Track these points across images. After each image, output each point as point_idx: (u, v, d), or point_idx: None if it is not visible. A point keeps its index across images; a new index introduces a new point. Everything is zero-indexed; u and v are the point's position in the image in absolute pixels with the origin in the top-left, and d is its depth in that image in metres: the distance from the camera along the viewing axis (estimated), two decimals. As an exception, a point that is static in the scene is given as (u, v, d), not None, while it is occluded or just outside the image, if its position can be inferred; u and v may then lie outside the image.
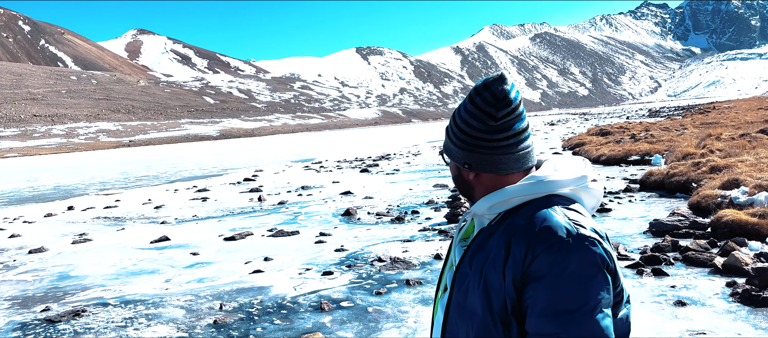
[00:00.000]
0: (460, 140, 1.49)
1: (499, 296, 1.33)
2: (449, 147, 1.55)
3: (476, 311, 1.38)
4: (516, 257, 1.31)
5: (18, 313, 6.71)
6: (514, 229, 1.36)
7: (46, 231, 12.85)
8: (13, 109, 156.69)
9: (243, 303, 6.50)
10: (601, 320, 1.24)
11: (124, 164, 43.87)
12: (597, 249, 1.28)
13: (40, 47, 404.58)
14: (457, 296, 1.45)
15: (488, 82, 1.44)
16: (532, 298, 1.28)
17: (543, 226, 1.31)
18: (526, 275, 1.29)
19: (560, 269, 1.26)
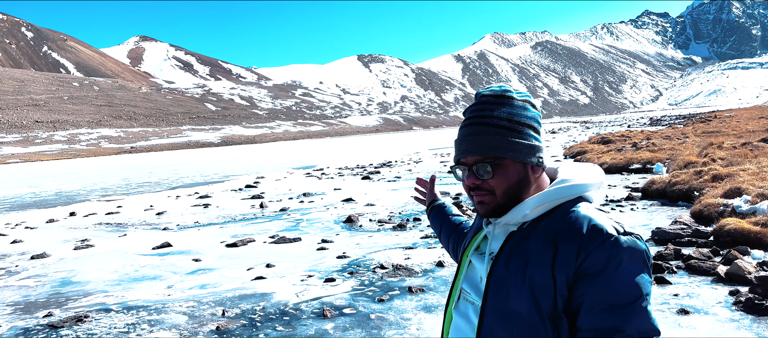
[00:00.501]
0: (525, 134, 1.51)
1: (547, 295, 1.36)
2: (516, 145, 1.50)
3: (521, 312, 1.39)
4: (566, 256, 1.35)
5: (20, 319, 6.71)
6: (555, 229, 1.41)
7: (48, 237, 12.86)
8: (15, 115, 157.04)
9: (245, 310, 6.50)
10: (652, 312, 1.31)
11: (126, 171, 43.92)
12: (642, 245, 1.36)
13: (43, 53, 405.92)
14: (494, 301, 1.44)
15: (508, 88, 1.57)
16: (586, 294, 1.32)
17: (592, 225, 1.36)
18: (579, 272, 1.33)
19: (615, 265, 1.31)
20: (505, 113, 1.53)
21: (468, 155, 1.53)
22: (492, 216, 1.54)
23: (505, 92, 1.55)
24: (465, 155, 1.54)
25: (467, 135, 1.54)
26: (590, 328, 1.30)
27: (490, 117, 1.53)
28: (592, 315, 1.31)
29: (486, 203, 1.52)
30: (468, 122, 1.57)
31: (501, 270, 1.47)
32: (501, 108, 1.54)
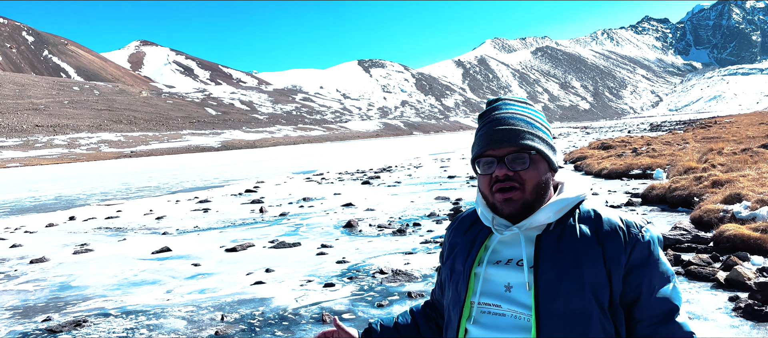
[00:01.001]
0: (550, 137, 1.60)
1: (605, 290, 1.43)
2: (547, 143, 1.57)
3: (585, 312, 1.41)
4: (614, 251, 1.44)
5: (19, 323, 6.70)
6: (592, 228, 1.48)
7: (48, 241, 12.85)
8: (16, 119, 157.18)
9: (244, 315, 6.49)
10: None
11: (126, 175, 43.93)
12: (657, 231, 1.52)
13: (44, 58, 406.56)
14: (551, 306, 1.43)
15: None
16: (642, 283, 1.44)
17: (626, 221, 1.49)
18: (629, 264, 1.44)
19: (656, 252, 1.47)
20: (533, 113, 1.60)
21: (502, 145, 1.51)
22: (518, 215, 1.52)
23: (523, 99, 1.63)
24: (498, 145, 1.52)
25: (500, 126, 1.54)
26: (653, 315, 1.43)
27: (522, 113, 1.57)
28: (651, 303, 1.44)
29: (515, 199, 1.50)
30: (499, 115, 1.57)
31: (549, 274, 1.45)
32: (528, 108, 1.61)
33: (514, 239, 1.55)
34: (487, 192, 1.55)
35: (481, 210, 1.63)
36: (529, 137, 1.52)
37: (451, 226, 1.76)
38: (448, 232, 1.76)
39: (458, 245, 1.66)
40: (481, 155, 1.56)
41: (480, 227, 1.64)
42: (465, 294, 1.56)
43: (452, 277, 1.63)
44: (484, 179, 1.55)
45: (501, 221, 1.56)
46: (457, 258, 1.63)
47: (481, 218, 1.63)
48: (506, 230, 1.54)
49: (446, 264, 1.68)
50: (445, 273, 1.69)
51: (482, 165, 1.55)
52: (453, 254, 1.66)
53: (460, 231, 1.69)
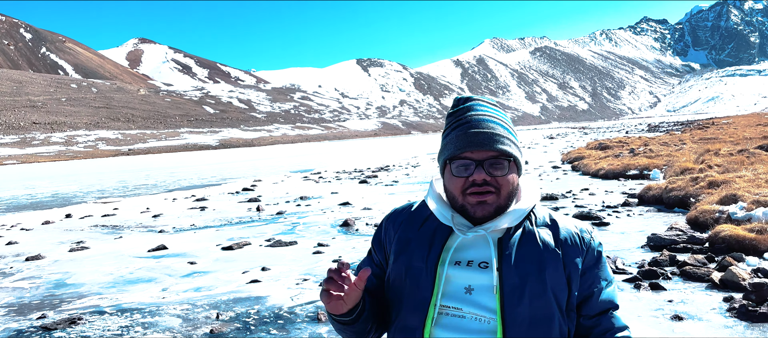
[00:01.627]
0: (516, 143, 1.59)
1: (564, 294, 1.52)
2: (520, 149, 1.61)
3: (552, 314, 1.49)
4: (573, 256, 1.54)
5: (14, 320, 6.68)
6: (551, 233, 1.56)
7: (44, 239, 12.82)
8: (13, 116, 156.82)
9: (240, 313, 6.49)
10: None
11: (123, 173, 43.87)
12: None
13: (41, 55, 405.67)
14: (516, 310, 1.46)
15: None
16: (593, 285, 1.55)
17: (579, 227, 1.61)
18: (583, 268, 1.55)
19: (603, 258, 1.60)
20: (505, 117, 1.60)
21: (483, 149, 1.50)
22: (490, 218, 1.53)
23: (493, 100, 1.64)
24: (479, 148, 1.50)
25: (479, 128, 1.52)
26: (597, 311, 1.54)
27: (498, 117, 1.57)
28: (598, 302, 1.55)
29: (490, 203, 1.51)
30: (475, 117, 1.54)
31: (513, 279, 1.48)
32: (500, 110, 1.60)
33: (476, 240, 1.54)
34: (458, 194, 1.53)
35: (438, 208, 1.59)
36: (508, 142, 1.53)
37: (397, 219, 1.70)
38: (394, 224, 1.69)
39: (413, 241, 1.61)
40: (457, 157, 1.53)
41: (435, 225, 1.60)
42: (430, 294, 1.52)
43: (409, 274, 1.57)
44: (457, 182, 1.53)
45: (461, 221, 1.55)
46: (415, 255, 1.58)
47: (438, 216, 1.59)
48: (469, 231, 1.53)
49: (400, 260, 1.61)
50: (399, 269, 1.60)
51: (457, 167, 1.53)
52: (409, 249, 1.60)
53: (412, 226, 1.64)
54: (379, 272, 1.71)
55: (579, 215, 11.38)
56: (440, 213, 1.59)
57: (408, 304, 1.56)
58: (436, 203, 1.61)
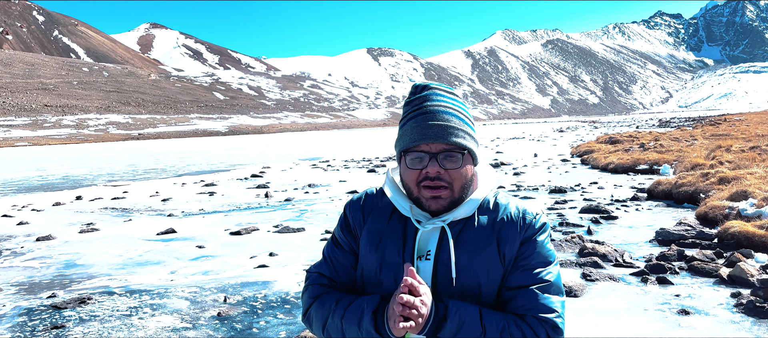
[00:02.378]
0: (472, 135, 1.57)
1: (498, 273, 1.54)
2: (475, 141, 1.59)
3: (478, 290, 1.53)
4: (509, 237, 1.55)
5: (24, 299, 6.77)
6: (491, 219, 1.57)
7: (54, 220, 12.95)
8: (25, 98, 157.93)
9: (247, 297, 6.54)
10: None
11: (133, 157, 44.13)
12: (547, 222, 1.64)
13: (54, 38, 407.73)
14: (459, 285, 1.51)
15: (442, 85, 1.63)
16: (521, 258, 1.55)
17: (520, 210, 1.60)
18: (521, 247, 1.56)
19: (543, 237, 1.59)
20: (462, 107, 1.57)
21: (436, 142, 1.50)
22: (444, 212, 1.54)
23: (450, 90, 1.60)
24: (434, 140, 1.50)
25: (434, 121, 1.51)
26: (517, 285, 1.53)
27: (454, 107, 1.55)
28: (520, 274, 1.53)
29: (443, 197, 1.51)
30: (431, 107, 1.53)
31: (445, 269, 1.51)
32: (457, 100, 1.58)
33: (434, 232, 1.55)
34: (413, 186, 1.53)
35: (396, 198, 1.59)
36: (462, 134, 1.52)
37: (363, 207, 1.67)
38: (363, 213, 1.66)
39: (385, 234, 1.59)
40: (411, 149, 1.52)
41: (403, 217, 1.60)
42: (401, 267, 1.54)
43: (384, 268, 1.56)
44: (411, 174, 1.52)
45: (419, 212, 1.55)
46: (388, 249, 1.57)
47: (397, 206, 1.59)
48: (427, 223, 1.54)
49: (372, 254, 1.59)
50: (372, 263, 1.59)
51: (411, 159, 1.52)
52: (382, 243, 1.58)
53: (382, 218, 1.62)
54: (352, 259, 1.67)
55: (587, 208, 11.34)
56: (399, 203, 1.58)
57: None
58: (394, 193, 1.60)
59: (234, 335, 5.37)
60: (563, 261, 7.29)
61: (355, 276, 1.66)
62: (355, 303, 1.54)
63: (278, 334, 5.35)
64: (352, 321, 1.51)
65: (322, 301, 1.60)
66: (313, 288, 1.65)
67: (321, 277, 1.66)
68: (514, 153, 32.64)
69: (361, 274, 1.62)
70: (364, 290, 1.61)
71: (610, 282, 6.44)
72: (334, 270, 1.66)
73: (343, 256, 1.66)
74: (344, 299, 1.57)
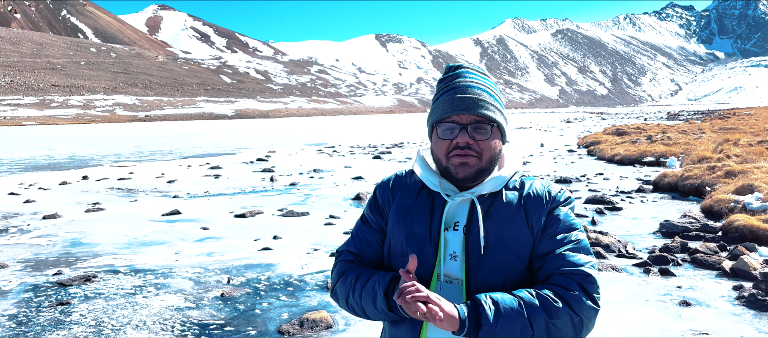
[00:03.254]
0: (501, 110, 1.65)
1: (527, 248, 1.59)
2: (505, 117, 1.66)
3: (512, 267, 1.57)
4: (536, 213, 1.60)
5: (30, 275, 6.84)
6: (519, 196, 1.63)
7: (61, 199, 13.04)
8: (33, 77, 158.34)
9: (250, 278, 6.59)
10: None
11: (139, 138, 44.27)
12: (572, 197, 1.70)
13: (62, 17, 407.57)
14: (481, 268, 1.55)
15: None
16: (554, 231, 1.60)
17: (545, 187, 1.66)
18: (548, 220, 1.61)
19: (567, 210, 1.64)
20: (493, 85, 1.66)
21: (467, 113, 1.57)
22: (472, 179, 1.59)
23: (484, 71, 1.68)
24: (464, 112, 1.57)
25: (465, 94, 1.58)
26: (546, 251, 1.57)
27: (484, 84, 1.63)
28: (548, 241, 1.58)
29: (471, 165, 1.57)
30: (463, 83, 1.61)
31: (477, 239, 1.56)
32: (489, 79, 1.67)
33: (463, 205, 1.62)
34: (443, 156, 1.59)
35: (425, 175, 1.65)
36: (492, 108, 1.59)
37: (393, 186, 1.74)
38: (392, 191, 1.73)
39: (413, 208, 1.66)
40: (443, 120, 1.59)
41: (433, 193, 1.66)
42: (434, 259, 1.59)
43: (411, 241, 1.61)
44: (442, 144, 1.59)
45: (448, 186, 1.62)
46: (416, 222, 1.63)
47: (425, 181, 1.65)
48: (456, 196, 1.60)
49: (400, 228, 1.65)
50: (399, 236, 1.64)
51: (442, 130, 1.59)
52: (409, 217, 1.64)
53: (410, 194, 1.69)
54: (380, 237, 1.73)
55: (592, 199, 11.33)
56: (427, 179, 1.65)
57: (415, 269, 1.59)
58: (424, 169, 1.68)
59: (237, 315, 5.41)
60: (566, 251, 7.29)
61: (381, 252, 1.72)
62: (370, 282, 1.61)
63: (280, 315, 5.39)
64: (368, 299, 1.60)
65: (345, 277, 1.68)
66: (340, 265, 1.73)
67: (348, 254, 1.75)
68: (520, 143, 32.56)
69: (389, 248, 1.69)
70: (390, 264, 1.67)
71: (612, 272, 6.45)
72: (361, 246, 1.73)
73: (371, 234, 1.73)
74: (363, 276, 1.64)
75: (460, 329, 1.43)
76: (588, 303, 1.49)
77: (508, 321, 1.43)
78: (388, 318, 1.62)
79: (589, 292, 1.50)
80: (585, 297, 1.49)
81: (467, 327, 1.43)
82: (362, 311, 1.63)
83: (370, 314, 1.62)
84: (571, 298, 1.48)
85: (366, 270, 1.67)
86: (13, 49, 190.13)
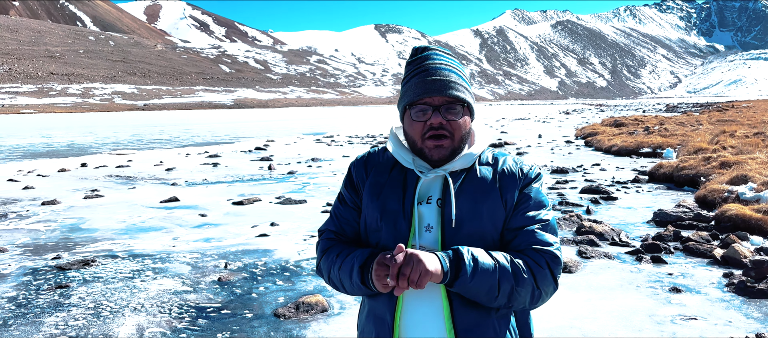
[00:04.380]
0: (469, 90, 1.70)
1: (500, 219, 1.67)
2: (472, 96, 1.71)
3: (486, 237, 1.65)
4: (509, 187, 1.68)
5: (30, 259, 6.91)
6: (492, 170, 1.71)
7: (59, 185, 13.10)
8: (31, 66, 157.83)
9: (247, 264, 6.66)
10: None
11: (138, 127, 44.26)
12: (541, 173, 1.78)
13: (60, 5, 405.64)
14: (455, 239, 1.62)
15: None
16: (525, 205, 1.68)
17: (517, 163, 1.74)
18: (520, 195, 1.69)
19: (538, 186, 1.72)
20: (460, 66, 1.72)
21: (439, 94, 1.63)
22: (446, 159, 1.66)
23: (448, 52, 1.74)
24: (436, 94, 1.63)
25: (436, 77, 1.64)
26: (518, 226, 1.66)
27: (453, 65, 1.69)
28: (521, 217, 1.67)
29: (445, 146, 1.64)
30: (432, 65, 1.66)
31: (450, 212, 1.63)
32: (455, 60, 1.73)
33: (435, 181, 1.69)
34: (418, 138, 1.65)
35: (397, 151, 1.72)
36: (462, 89, 1.66)
37: (366, 164, 1.79)
38: (365, 169, 1.79)
39: (386, 185, 1.71)
40: (415, 103, 1.65)
41: (406, 170, 1.72)
42: (408, 233, 1.65)
43: (385, 217, 1.68)
44: (416, 126, 1.65)
45: (421, 164, 1.68)
46: (390, 198, 1.69)
47: (399, 159, 1.71)
48: (429, 173, 1.66)
49: (374, 204, 1.71)
50: (374, 212, 1.70)
51: (415, 112, 1.65)
52: (383, 193, 1.71)
53: (383, 171, 1.75)
54: (357, 214, 1.79)
55: (587, 188, 11.40)
56: (401, 157, 1.71)
57: (388, 242, 1.67)
58: (396, 146, 1.74)
59: (233, 299, 5.49)
60: (560, 239, 7.37)
61: (358, 229, 1.79)
62: (349, 257, 1.67)
63: (277, 299, 5.47)
64: (346, 272, 1.66)
65: (327, 255, 1.75)
66: (323, 243, 1.80)
67: (328, 233, 1.81)
68: (518, 134, 32.61)
69: (364, 224, 1.75)
70: (368, 239, 1.74)
71: (605, 259, 6.53)
72: (340, 225, 1.80)
73: (348, 212, 1.79)
74: (343, 252, 1.71)
75: (442, 279, 1.52)
76: (550, 281, 1.62)
77: (481, 279, 1.53)
78: (363, 293, 1.68)
79: (554, 272, 1.62)
80: (550, 274, 1.61)
81: (448, 278, 1.52)
82: (342, 285, 1.70)
83: (348, 288, 1.69)
84: (538, 273, 1.59)
85: (346, 247, 1.73)
86: (12, 38, 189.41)
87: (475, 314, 1.59)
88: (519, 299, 1.59)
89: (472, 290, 1.54)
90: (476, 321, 1.59)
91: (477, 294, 1.55)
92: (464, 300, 1.59)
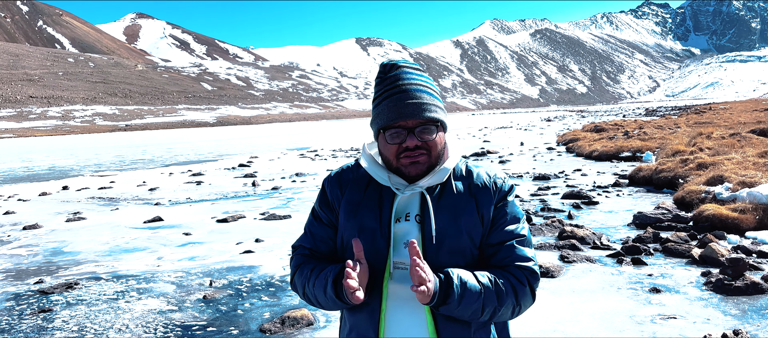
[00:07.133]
0: (442, 107, 1.73)
1: (478, 233, 1.71)
2: (444, 113, 1.73)
3: (466, 252, 1.68)
4: (485, 201, 1.72)
5: (12, 285, 6.84)
6: (467, 184, 1.75)
7: (41, 209, 12.96)
8: (9, 89, 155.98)
9: (232, 281, 6.66)
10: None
11: (120, 148, 43.89)
12: (514, 184, 1.83)
13: (38, 28, 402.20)
14: (438, 255, 1.65)
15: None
16: (501, 219, 1.73)
17: (491, 176, 1.78)
18: (496, 208, 1.74)
19: (513, 199, 1.78)
20: (430, 82, 1.73)
21: (413, 118, 1.64)
22: (422, 176, 1.68)
23: (418, 67, 1.75)
24: (411, 118, 1.64)
25: (409, 100, 1.64)
26: (498, 241, 1.71)
27: (424, 84, 1.70)
28: (500, 232, 1.72)
29: (422, 162, 1.66)
30: (404, 86, 1.66)
31: (430, 228, 1.66)
32: (425, 77, 1.73)
33: (412, 198, 1.72)
34: (393, 158, 1.67)
35: (373, 170, 1.72)
36: (435, 109, 1.68)
37: (340, 181, 1.79)
38: (340, 186, 1.78)
39: (362, 203, 1.72)
40: (390, 126, 1.66)
41: (379, 186, 1.73)
42: (387, 251, 1.67)
43: (362, 234, 1.68)
44: (391, 148, 1.66)
45: (397, 181, 1.70)
46: (366, 216, 1.69)
47: (374, 177, 1.71)
48: (407, 190, 1.69)
49: (351, 222, 1.71)
50: (351, 230, 1.71)
51: (390, 135, 1.66)
52: (359, 211, 1.71)
53: (358, 189, 1.75)
54: (331, 232, 1.80)
55: (569, 194, 11.54)
56: (376, 174, 1.71)
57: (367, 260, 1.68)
58: (370, 164, 1.74)
59: (219, 316, 5.49)
60: (542, 244, 7.48)
61: (334, 246, 1.79)
62: (323, 272, 1.69)
63: (262, 315, 5.48)
64: (320, 288, 1.67)
65: (301, 270, 1.76)
66: (297, 258, 1.81)
67: (303, 249, 1.82)
68: (501, 142, 32.88)
69: (341, 242, 1.76)
70: (344, 256, 1.74)
71: (586, 263, 6.63)
72: (314, 242, 1.80)
73: (322, 229, 1.79)
74: (317, 268, 1.72)
75: (430, 302, 1.55)
76: (529, 297, 1.70)
77: (467, 303, 1.58)
78: (337, 307, 1.70)
79: (533, 288, 1.70)
80: (529, 290, 1.69)
81: (436, 301, 1.56)
82: (316, 300, 1.71)
83: (323, 302, 1.70)
84: (520, 290, 1.66)
85: (320, 263, 1.75)
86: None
87: (458, 327, 1.64)
88: (501, 317, 1.68)
89: (457, 313, 1.59)
90: (458, 333, 1.64)
91: (461, 315, 1.60)
92: (447, 316, 1.63)
